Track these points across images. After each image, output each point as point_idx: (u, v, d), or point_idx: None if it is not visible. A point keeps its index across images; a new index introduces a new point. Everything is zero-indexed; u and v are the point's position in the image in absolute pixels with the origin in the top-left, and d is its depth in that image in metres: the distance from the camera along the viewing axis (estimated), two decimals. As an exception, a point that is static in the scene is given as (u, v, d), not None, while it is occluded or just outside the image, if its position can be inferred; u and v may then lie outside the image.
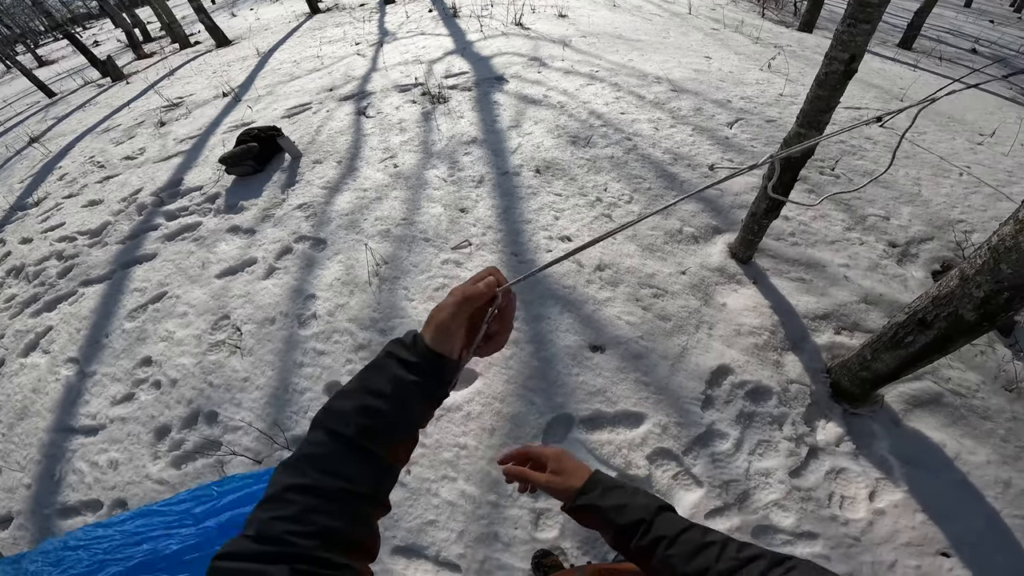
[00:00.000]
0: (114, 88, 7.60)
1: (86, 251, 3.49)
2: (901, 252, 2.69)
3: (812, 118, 1.95)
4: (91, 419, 2.42)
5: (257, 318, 2.59)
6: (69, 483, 2.20)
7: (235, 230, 3.23)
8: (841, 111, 4.00)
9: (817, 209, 2.93)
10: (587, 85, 4.23)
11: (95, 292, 3.12)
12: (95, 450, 2.28)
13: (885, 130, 3.82)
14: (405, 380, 0.49)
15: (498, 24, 6.05)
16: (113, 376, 2.57)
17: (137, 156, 4.64)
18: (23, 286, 3.38)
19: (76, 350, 2.76)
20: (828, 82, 1.81)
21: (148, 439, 2.25)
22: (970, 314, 1.45)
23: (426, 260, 2.68)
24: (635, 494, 0.65)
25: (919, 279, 2.55)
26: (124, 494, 2.07)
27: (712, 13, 7.19)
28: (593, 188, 3.04)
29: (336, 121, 4.15)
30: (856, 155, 3.42)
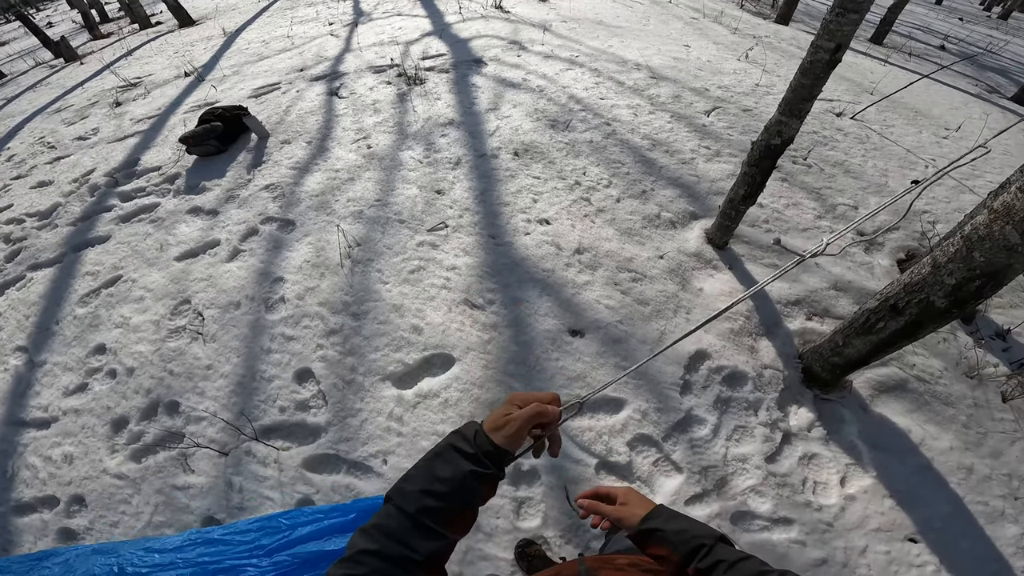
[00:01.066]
0: (67, 69, 7.12)
1: (35, 234, 3.25)
2: (868, 241, 2.75)
3: (794, 106, 1.96)
4: (42, 411, 2.25)
5: (220, 302, 2.44)
6: (22, 479, 2.05)
7: (196, 211, 3.05)
8: (816, 102, 4.05)
9: (790, 197, 2.96)
10: (567, 70, 4.17)
11: (44, 276, 2.89)
12: (48, 444, 2.13)
13: (855, 122, 3.89)
14: (467, 471, 0.57)
15: (477, 7, 5.91)
16: (65, 365, 2.39)
17: (90, 136, 4.36)
18: None
19: (25, 338, 2.56)
20: (812, 71, 1.82)
21: (104, 432, 2.10)
22: (940, 301, 1.49)
23: (401, 242, 2.58)
24: (696, 523, 0.70)
25: (885, 267, 2.62)
26: (81, 489, 1.95)
27: (692, 2, 7.20)
28: (572, 172, 2.99)
29: (306, 102, 3.97)
30: (828, 146, 3.47)
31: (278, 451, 1.92)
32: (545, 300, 2.28)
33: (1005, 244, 1.29)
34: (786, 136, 2.04)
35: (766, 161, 2.15)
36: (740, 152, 3.20)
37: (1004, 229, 1.28)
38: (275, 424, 2.00)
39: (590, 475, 1.81)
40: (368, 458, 1.87)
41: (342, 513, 0.74)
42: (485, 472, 0.58)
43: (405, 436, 1.92)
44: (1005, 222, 1.28)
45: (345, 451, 1.89)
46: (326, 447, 1.91)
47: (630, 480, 1.82)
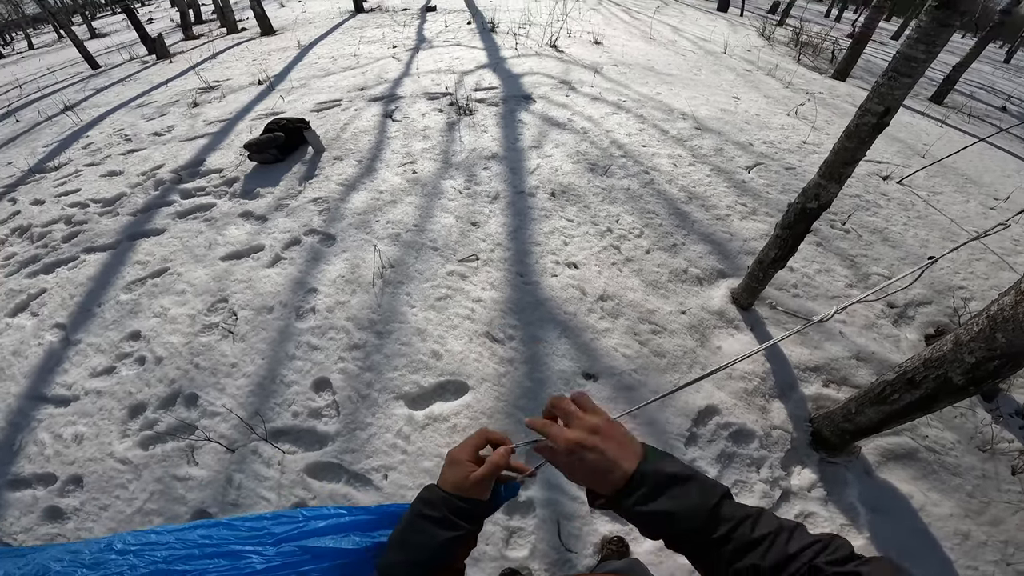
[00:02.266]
0: (157, 66, 7.80)
1: (96, 219, 3.51)
2: (898, 313, 2.70)
3: (835, 169, 1.95)
4: (66, 389, 2.36)
5: (255, 305, 2.60)
6: (27, 454, 2.14)
7: (247, 215, 3.27)
8: (861, 164, 3.99)
9: (822, 263, 2.93)
10: (612, 114, 4.27)
11: (97, 260, 3.11)
12: (62, 422, 2.22)
13: (901, 187, 3.82)
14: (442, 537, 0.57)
15: (533, 44, 6.16)
16: (98, 347, 2.54)
17: (165, 133, 4.74)
18: (25, 246, 3.40)
19: (66, 316, 2.74)
20: (858, 134, 1.81)
21: (120, 416, 2.19)
22: (958, 378, 1.48)
23: (432, 269, 2.69)
24: (687, 492, 0.55)
25: (912, 341, 2.56)
26: (82, 470, 2.02)
27: (747, 55, 7.26)
28: (605, 218, 3.05)
29: (362, 121, 4.22)
30: (869, 211, 3.42)
31: (284, 454, 1.99)
32: (563, 342, 2.33)
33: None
34: (824, 200, 2.03)
35: (800, 225, 2.15)
36: (777, 212, 3.19)
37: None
38: (286, 427, 2.09)
39: (584, 513, 1.82)
40: (370, 471, 1.93)
41: (365, 513, 0.67)
42: (458, 534, 0.57)
43: (409, 455, 1.97)
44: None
45: (349, 462, 1.96)
46: (331, 456, 1.98)
47: (622, 523, 1.82)
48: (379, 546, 0.65)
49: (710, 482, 0.57)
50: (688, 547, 0.55)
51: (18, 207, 3.87)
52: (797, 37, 9.05)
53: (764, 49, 7.99)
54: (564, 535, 1.78)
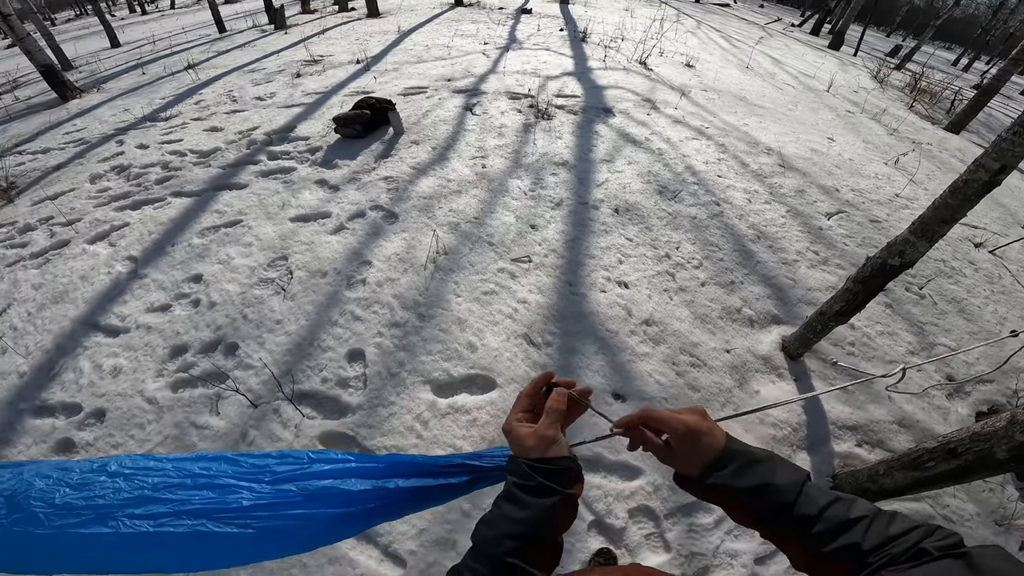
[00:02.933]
0: (273, 36, 8.45)
1: (189, 167, 3.84)
2: (955, 387, 2.48)
3: (929, 227, 1.80)
4: (120, 320, 2.49)
5: (311, 267, 2.74)
6: (62, 381, 2.21)
7: (322, 183, 3.47)
8: (956, 226, 3.64)
9: (887, 324, 2.72)
10: (692, 139, 4.15)
11: (181, 204, 3.37)
12: (106, 352, 2.32)
13: (992, 257, 3.44)
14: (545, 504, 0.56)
15: (622, 58, 6.10)
16: (160, 284, 2.70)
17: (267, 99, 5.13)
18: (121, 183, 3.75)
19: (139, 250, 2.95)
20: (964, 191, 1.66)
21: (162, 354, 2.29)
22: (1002, 453, 1.43)
23: (484, 262, 2.74)
24: (774, 469, 0.56)
25: (962, 416, 2.35)
26: (108, 404, 2.08)
27: (853, 95, 6.80)
28: (666, 243, 2.97)
29: (444, 110, 4.36)
30: (951, 278, 3.12)
31: (303, 417, 2.04)
32: (599, 358, 2.29)
33: None
34: (908, 258, 1.88)
35: (876, 281, 2.00)
36: (851, 265, 2.98)
37: None
38: (312, 391, 2.14)
39: (581, 529, 1.79)
40: (380, 449, 1.95)
41: (373, 461, 0.65)
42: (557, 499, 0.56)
43: (423, 440, 1.99)
44: None
45: (363, 436, 1.99)
46: (348, 427, 2.01)
47: (616, 546, 1.77)
48: (380, 493, 0.63)
49: (792, 463, 0.58)
50: (779, 525, 0.54)
51: (123, 148, 4.31)
52: (915, 83, 8.36)
53: (874, 92, 7.45)
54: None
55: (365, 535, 1.75)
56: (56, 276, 2.85)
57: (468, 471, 0.67)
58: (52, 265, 2.95)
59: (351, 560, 1.67)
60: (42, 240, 3.18)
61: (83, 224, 3.28)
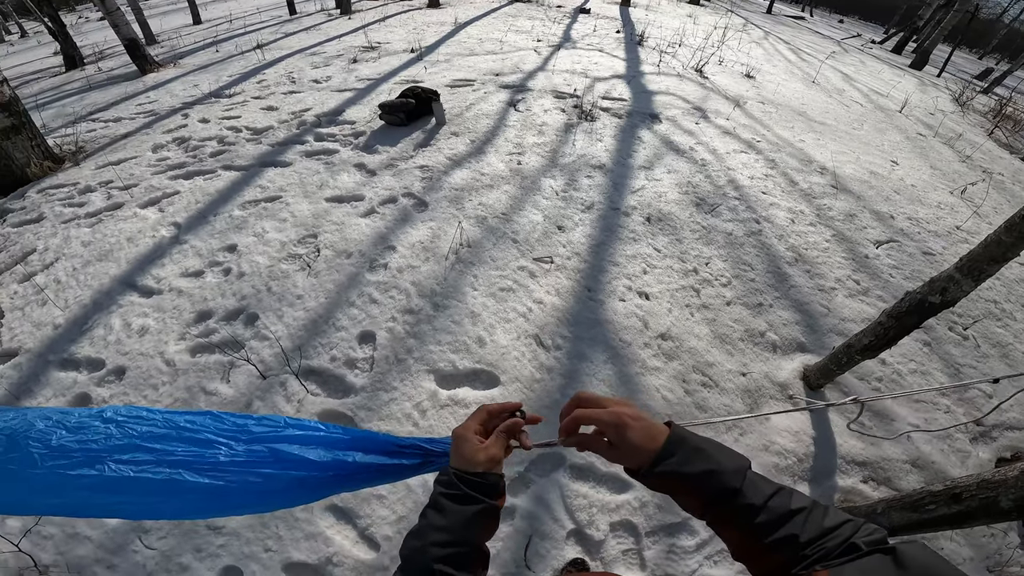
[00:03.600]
0: (338, 20, 8.76)
1: (242, 143, 4.03)
2: (982, 432, 2.28)
3: (977, 264, 1.66)
4: (155, 281, 2.62)
5: (338, 247, 2.82)
6: (92, 336, 2.33)
7: (360, 167, 3.57)
8: (1013, 265, 3.31)
9: (921, 363, 2.53)
10: (740, 152, 3.98)
11: (229, 177, 3.55)
12: (137, 312, 2.44)
13: None
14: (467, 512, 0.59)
15: (678, 64, 5.92)
16: (198, 251, 2.84)
17: (323, 82, 5.32)
18: (179, 154, 3.98)
19: (184, 217, 3.11)
20: (1021, 227, 1.52)
21: (188, 318, 2.40)
22: (1007, 502, 1.35)
23: (505, 259, 2.73)
24: (720, 456, 0.58)
25: (982, 460, 2.18)
26: (129, 363, 2.18)
27: (928, 118, 6.31)
28: (696, 257, 2.87)
29: (487, 104, 4.38)
30: (1000, 321, 2.84)
31: (307, 393, 2.09)
32: (608, 367, 2.24)
33: None
34: (950, 297, 1.75)
35: (912, 317, 1.87)
36: (893, 298, 2.77)
37: None
38: (320, 368, 2.20)
39: (559, 536, 1.76)
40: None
41: (341, 432, 0.69)
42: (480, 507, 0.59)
43: (419, 429, 2.01)
44: None
45: (361, 418, 2.02)
46: (348, 408, 2.05)
47: (592, 557, 1.74)
48: (339, 464, 0.67)
49: (734, 450, 0.60)
50: (725, 512, 0.56)
51: (187, 121, 4.57)
52: (1000, 107, 7.66)
53: (952, 115, 6.88)
54: (530, 552, 1.73)
55: (345, 515, 1.79)
56: (105, 235, 3.05)
57: (421, 454, 0.71)
58: (103, 225, 3.17)
59: (327, 538, 1.71)
60: (99, 201, 3.43)
61: (138, 189, 3.51)
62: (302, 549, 1.69)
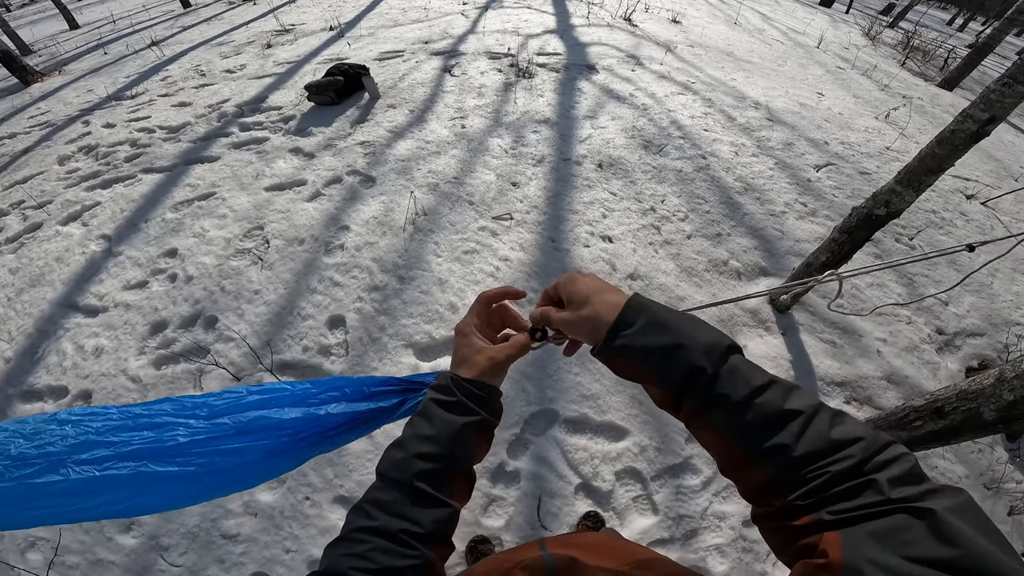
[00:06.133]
0: (241, 8, 8.08)
1: (159, 143, 3.70)
2: (945, 341, 2.45)
3: (915, 176, 1.76)
4: (97, 299, 2.44)
5: (288, 235, 2.66)
6: (47, 364, 2.19)
7: (296, 151, 3.35)
8: (946, 178, 3.59)
9: (876, 276, 2.67)
10: (678, 94, 4.03)
11: (152, 180, 3.26)
12: (87, 332, 2.28)
13: (984, 209, 3.40)
14: (459, 424, 0.51)
15: (606, 15, 5.89)
16: (136, 260, 2.63)
17: (237, 71, 4.91)
18: (89, 163, 3.61)
19: (112, 228, 2.87)
20: (952, 140, 1.62)
21: (142, 332, 2.24)
22: (990, 413, 1.39)
23: (464, 222, 2.66)
24: (690, 328, 0.46)
25: (951, 371, 2.33)
26: (94, 385, 2.06)
27: (844, 52, 6.63)
28: (651, 196, 2.89)
29: (421, 73, 4.19)
30: (942, 229, 3.07)
31: None
32: (583, 314, 2.24)
33: None
34: (894, 208, 1.84)
35: (862, 231, 1.96)
36: (839, 216, 2.92)
37: None
38: (294, 361, 2.11)
39: (568, 492, 1.77)
40: None
41: (307, 384, 0.64)
42: (474, 419, 0.52)
43: None
44: None
45: None
46: None
47: (604, 509, 1.76)
48: (311, 420, 0.61)
49: (715, 328, 0.47)
50: (699, 406, 0.44)
51: (90, 129, 4.13)
52: (908, 40, 8.17)
53: (865, 49, 7.27)
54: (543, 511, 1.73)
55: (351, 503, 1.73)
56: (32, 259, 2.76)
57: (398, 392, 0.65)
58: (27, 249, 2.86)
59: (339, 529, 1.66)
60: (15, 225, 3.08)
61: (54, 206, 3.18)
62: (319, 544, 1.63)
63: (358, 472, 1.78)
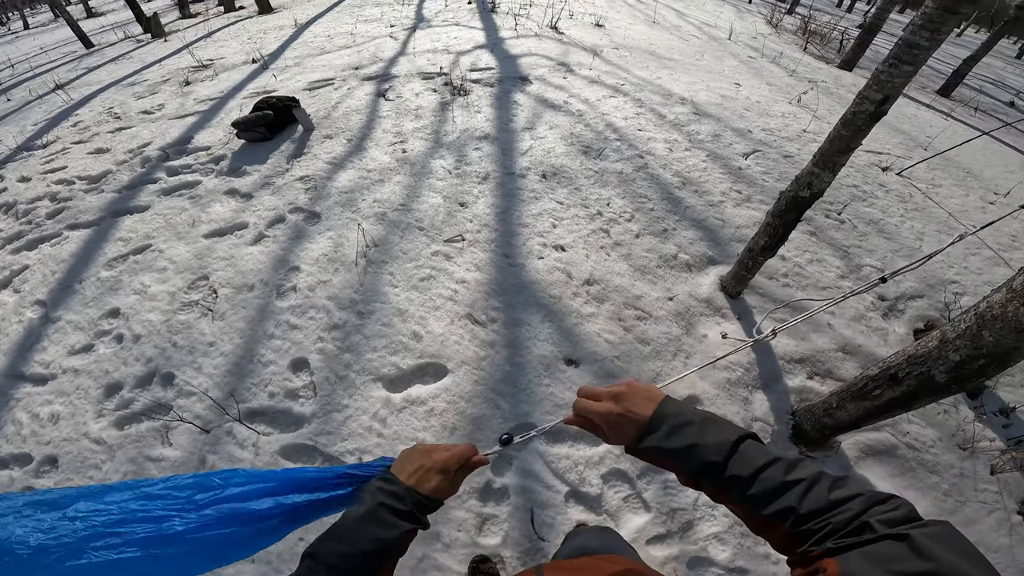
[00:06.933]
0: (151, 45, 7.68)
1: (81, 196, 3.46)
2: (888, 307, 2.64)
3: (829, 158, 1.89)
4: (44, 367, 2.33)
5: (236, 283, 2.55)
6: (5, 434, 2.12)
7: (232, 193, 3.21)
8: (861, 154, 3.91)
9: (815, 252, 2.87)
10: (610, 97, 4.18)
11: (79, 237, 3.06)
12: (39, 401, 2.20)
13: (901, 179, 3.74)
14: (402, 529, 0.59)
15: (533, 25, 6.02)
16: (77, 324, 2.49)
17: (155, 112, 4.67)
18: (10, 223, 3.35)
19: (46, 293, 2.70)
20: (854, 122, 1.75)
21: (97, 395, 2.16)
22: (941, 376, 1.44)
23: (417, 249, 2.64)
24: (706, 430, 0.58)
25: (900, 335, 2.50)
26: (57, 451, 2.00)
27: (752, 42, 7.09)
28: (596, 201, 2.98)
29: (355, 100, 4.13)
30: (866, 202, 3.34)
31: (259, 435, 1.95)
32: (546, 326, 2.28)
33: (1017, 326, 1.23)
34: (816, 189, 1.97)
35: (791, 213, 2.09)
36: (772, 200, 3.13)
37: (1019, 311, 1.22)
38: (262, 408, 2.05)
39: (559, 502, 1.79)
40: (345, 454, 1.89)
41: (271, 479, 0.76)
42: (413, 527, 0.60)
43: (385, 438, 1.94)
44: (1020, 304, 1.22)
45: (324, 444, 1.92)
46: (306, 437, 1.94)
47: (596, 513, 1.80)
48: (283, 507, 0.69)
49: (731, 424, 0.59)
50: (717, 486, 0.55)
51: (4, 184, 3.81)
52: (805, 26, 8.84)
53: (770, 37, 7.81)
54: (537, 523, 1.75)
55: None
56: None
57: (350, 482, 0.75)
58: None
59: None
60: (-64, 300, 2.78)
61: (-20, 273, 2.92)
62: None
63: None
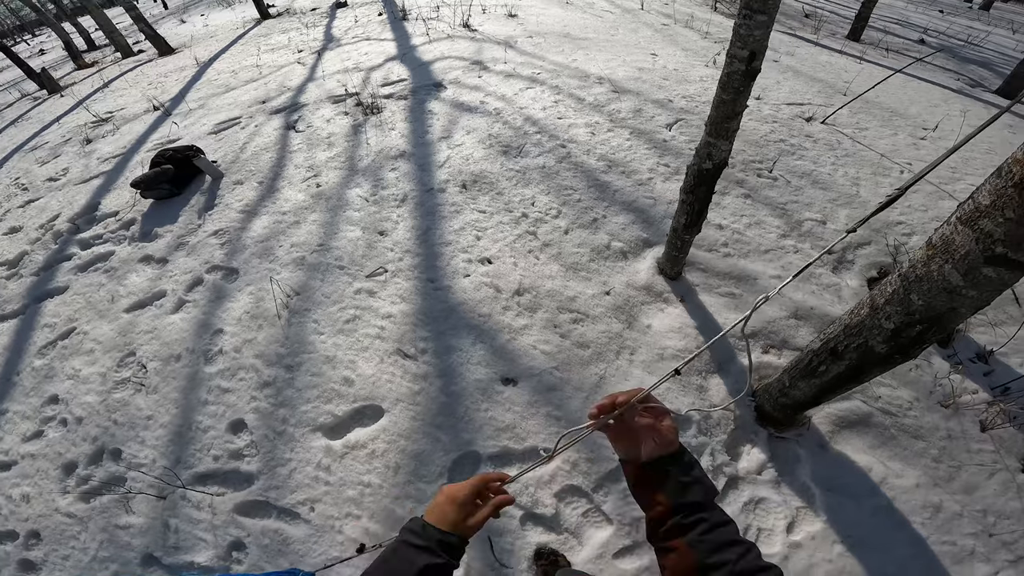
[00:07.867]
0: (48, 101, 7.21)
1: (2, 283, 3.26)
2: (837, 259, 2.60)
3: (720, 125, 1.79)
4: (4, 455, 2.33)
5: (163, 355, 2.44)
6: None
7: (147, 260, 3.04)
8: (783, 107, 3.94)
9: (752, 215, 2.85)
10: (526, 89, 4.10)
11: (9, 328, 2.92)
12: (9, 484, 2.24)
13: (826, 127, 3.77)
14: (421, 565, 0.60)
15: (445, 27, 5.87)
16: (23, 414, 2.46)
17: (60, 177, 4.37)
18: None
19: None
20: (731, 84, 1.65)
21: (56, 475, 2.19)
22: (880, 347, 1.32)
23: (339, 290, 2.53)
24: (704, 476, 0.66)
25: (853, 288, 2.45)
26: (37, 526, 2.06)
27: (664, 8, 7.08)
28: (520, 202, 2.92)
29: (263, 137, 3.95)
30: (795, 155, 3.35)
31: (212, 496, 1.95)
32: (479, 348, 2.21)
33: (945, 286, 1.09)
34: (718, 159, 1.89)
35: (701, 188, 2.02)
36: (697, 172, 3.11)
37: (943, 268, 1.08)
38: (210, 471, 2.03)
39: (515, 527, 1.75)
40: (296, 505, 1.88)
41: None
42: (439, 562, 0.61)
43: (332, 485, 1.91)
44: (944, 260, 1.07)
45: (275, 498, 1.91)
46: (257, 494, 1.93)
47: (557, 532, 1.76)
48: None
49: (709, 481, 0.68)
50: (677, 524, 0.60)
51: None
52: (713, -17, 8.88)
53: (680, 0, 7.82)
54: (497, 551, 1.71)
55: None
56: None
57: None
58: None
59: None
60: None
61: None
62: None
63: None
